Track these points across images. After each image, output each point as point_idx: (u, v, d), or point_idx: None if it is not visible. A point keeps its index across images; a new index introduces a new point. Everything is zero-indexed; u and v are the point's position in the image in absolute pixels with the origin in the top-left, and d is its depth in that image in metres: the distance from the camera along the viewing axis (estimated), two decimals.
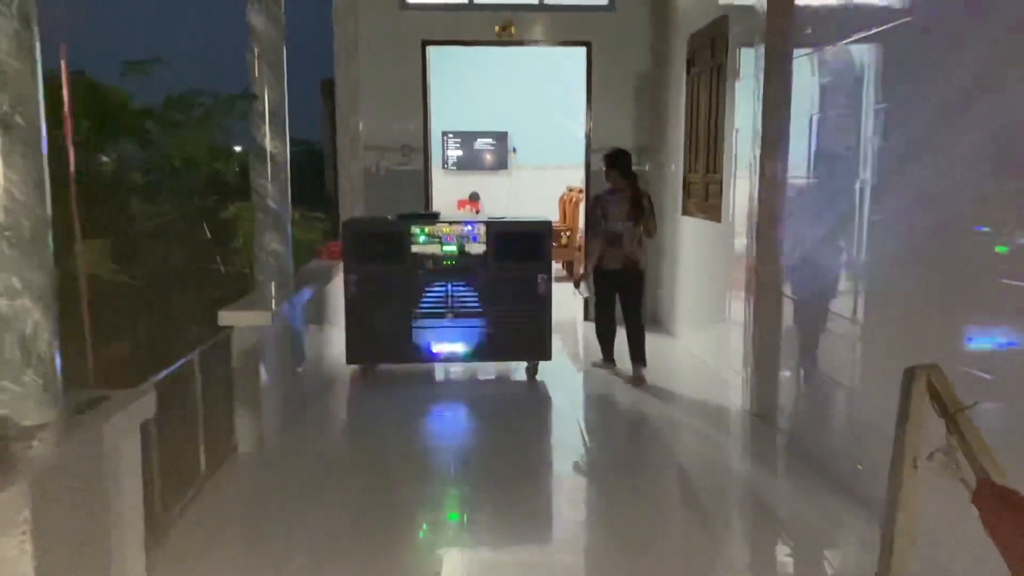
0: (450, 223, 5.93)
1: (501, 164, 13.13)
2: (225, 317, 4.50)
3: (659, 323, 7.97)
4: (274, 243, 4.99)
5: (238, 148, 6.09)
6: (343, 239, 5.93)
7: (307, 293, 5.52)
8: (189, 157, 5.35)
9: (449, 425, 5.40)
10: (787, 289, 4.88)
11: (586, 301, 7.70)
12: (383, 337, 5.93)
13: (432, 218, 6.04)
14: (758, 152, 5.06)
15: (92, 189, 4.94)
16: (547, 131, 12.63)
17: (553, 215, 12.22)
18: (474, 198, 13.18)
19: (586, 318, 8.29)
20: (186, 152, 5.36)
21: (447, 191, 12.83)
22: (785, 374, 4.94)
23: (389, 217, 6.17)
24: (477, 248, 5.90)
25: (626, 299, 6.08)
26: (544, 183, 12.81)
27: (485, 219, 6.03)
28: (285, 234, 5.06)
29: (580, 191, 11.70)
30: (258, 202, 4.97)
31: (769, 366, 5.06)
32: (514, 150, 13.13)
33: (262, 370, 4.62)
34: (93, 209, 4.89)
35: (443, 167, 13.04)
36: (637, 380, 5.95)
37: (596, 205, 6.07)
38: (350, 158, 8.07)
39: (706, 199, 6.61)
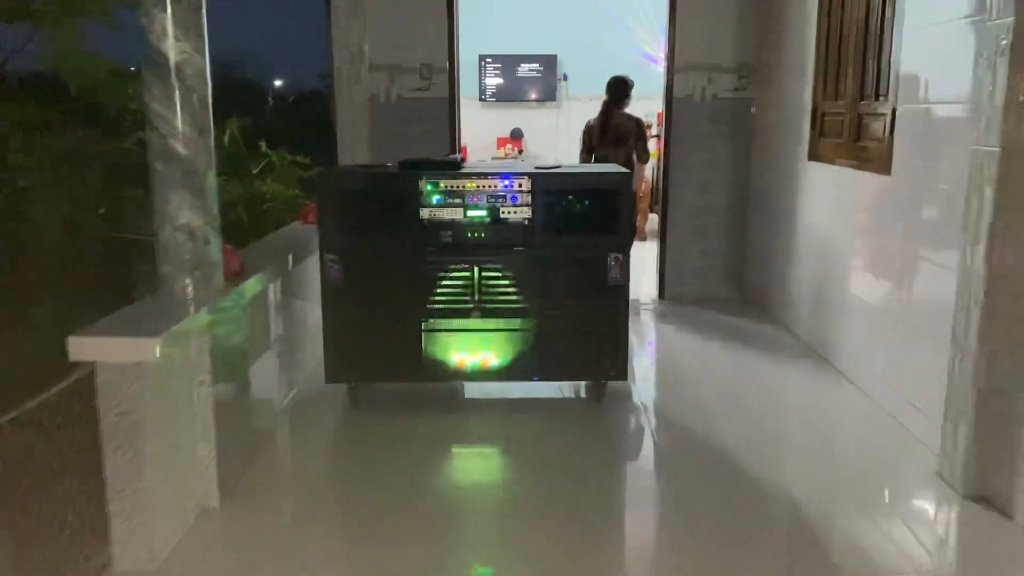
0: (478, 175, 3.93)
1: (549, 95, 11.00)
2: (80, 347, 2.60)
3: (765, 309, 5.91)
4: (186, 212, 3.05)
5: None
6: (318, 199, 3.97)
7: (257, 284, 3.60)
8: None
9: (472, 493, 3.48)
10: None
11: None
12: (378, 345, 4.00)
13: (451, 167, 4.04)
14: (1002, 61, 2.95)
15: None
16: (605, 53, 10.44)
17: None
18: (516, 136, 11.10)
19: (661, 296, 6.29)
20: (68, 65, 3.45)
21: (484, 128, 10.78)
22: None
23: (388, 165, 4.18)
24: (518, 213, 3.91)
25: None
26: None
27: (530, 170, 4.01)
28: (206, 196, 3.11)
29: (649, 127, 9.58)
30: (156, 145, 3.02)
31: (1005, 419, 3.04)
32: (565, 77, 10.98)
33: (154, 423, 2.74)
34: None
35: (480, 99, 10.97)
36: None
37: (586, 131, 6.64)
38: (350, 82, 6.06)
39: (855, 139, 4.50)
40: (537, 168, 4.05)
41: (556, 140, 10.89)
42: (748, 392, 4.38)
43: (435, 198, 3.90)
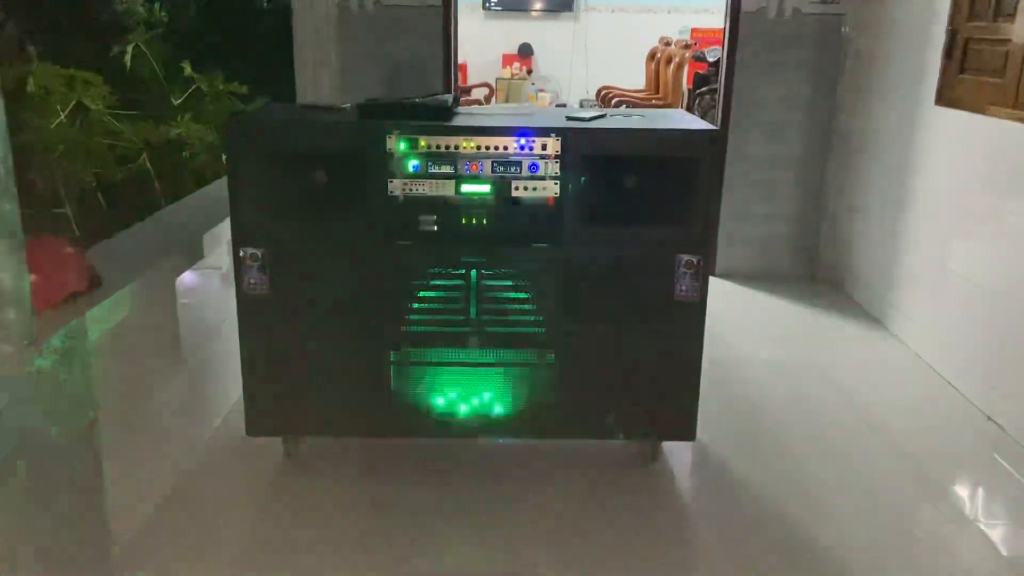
0: (479, 130, 2.52)
1: (564, 4, 9.40)
2: None
3: (843, 291, 4.56)
4: None
5: None
6: (229, 161, 2.57)
7: (123, 303, 2.24)
8: None
9: None
10: None
11: None
12: (324, 385, 2.67)
13: (436, 115, 2.63)
14: None
15: None
16: None
17: (638, 79, 8.64)
18: (525, 53, 9.55)
19: (711, 271, 4.92)
20: None
21: (487, 44, 9.24)
22: None
23: (345, 107, 2.77)
24: (540, 189, 2.52)
25: None
26: (625, 32, 9.13)
27: (560, 123, 2.59)
28: None
29: (685, 45, 8.04)
30: None
31: None
32: None
33: None
34: None
35: (484, 7, 9.39)
36: None
37: None
38: None
39: None
40: (570, 119, 2.63)
41: (572, 59, 9.36)
42: (862, 445, 3.07)
43: (412, 163, 2.50)
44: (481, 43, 9.00)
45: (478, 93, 8.81)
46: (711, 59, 7.20)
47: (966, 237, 3.49)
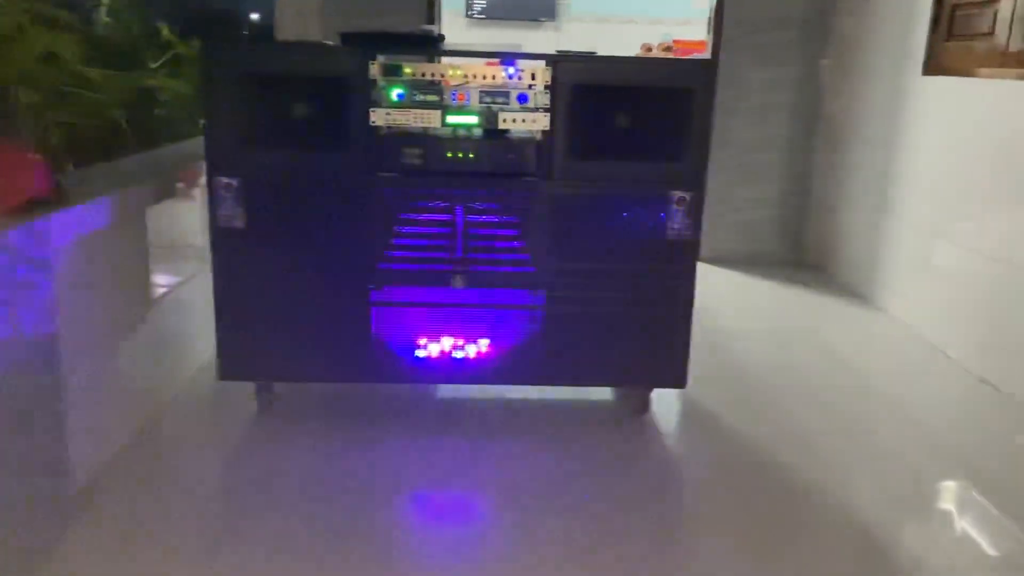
0: (465, 55, 2.45)
1: (547, 12, 9.42)
2: None
3: (830, 275, 4.50)
4: None
5: None
6: (204, 88, 2.46)
7: (70, 226, 2.11)
8: None
9: None
10: None
11: None
12: (301, 325, 2.55)
13: (424, 44, 2.55)
14: None
15: None
16: None
17: None
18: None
19: None
20: None
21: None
22: None
23: (326, 42, 2.69)
24: (528, 122, 2.44)
25: None
26: (607, 42, 9.13)
27: (550, 53, 2.52)
28: None
29: (666, 48, 8.04)
30: None
31: None
32: None
33: None
34: None
35: (466, 15, 9.37)
36: None
37: None
38: None
39: None
40: (561, 53, 2.56)
41: None
42: (855, 400, 2.98)
43: (396, 93, 2.41)
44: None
45: None
46: None
47: (956, 203, 3.45)
